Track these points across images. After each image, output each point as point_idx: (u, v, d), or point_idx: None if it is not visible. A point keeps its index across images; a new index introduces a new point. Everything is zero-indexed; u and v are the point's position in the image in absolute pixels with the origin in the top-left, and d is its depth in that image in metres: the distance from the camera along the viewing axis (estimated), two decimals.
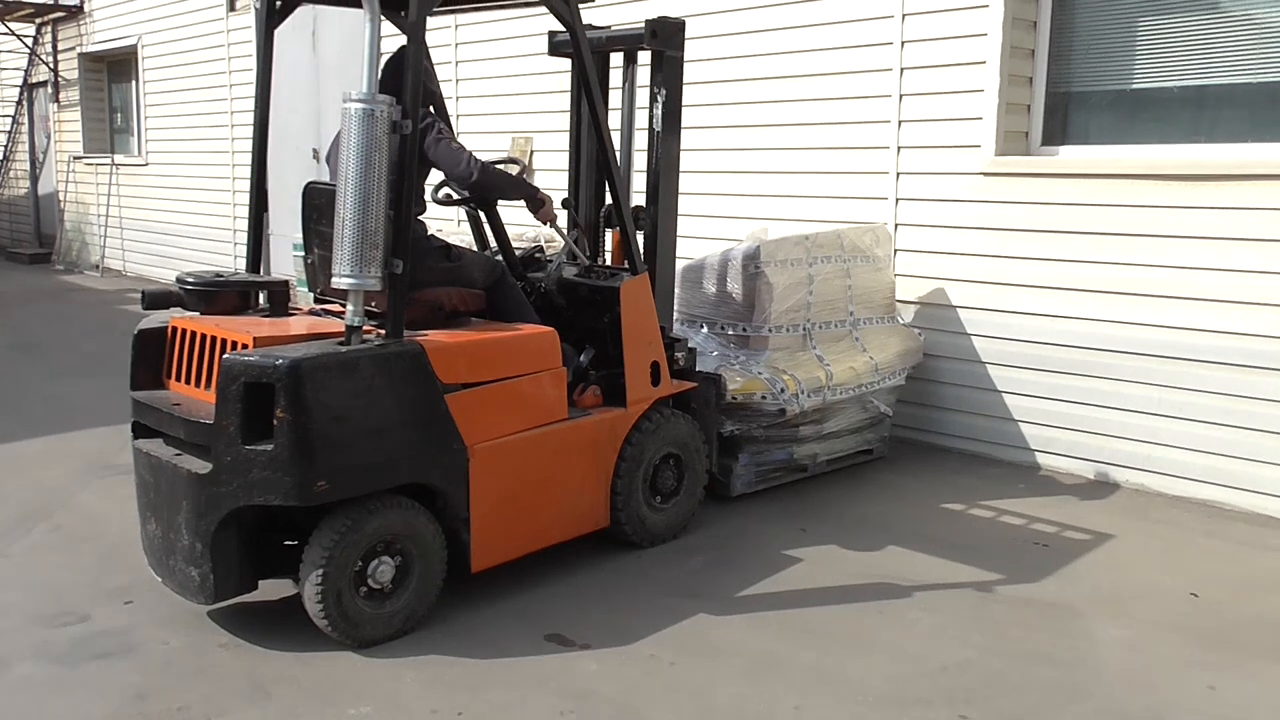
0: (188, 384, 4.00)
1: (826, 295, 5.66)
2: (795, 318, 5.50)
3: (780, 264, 5.38)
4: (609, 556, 4.64)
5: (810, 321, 5.59)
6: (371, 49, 3.74)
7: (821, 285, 5.62)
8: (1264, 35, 5.36)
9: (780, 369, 5.30)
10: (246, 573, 3.86)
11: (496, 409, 4.10)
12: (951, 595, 4.33)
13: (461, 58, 9.03)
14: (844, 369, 5.57)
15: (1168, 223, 5.43)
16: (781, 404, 5.19)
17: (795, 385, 5.23)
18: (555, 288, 4.80)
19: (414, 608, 3.90)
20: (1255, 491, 5.26)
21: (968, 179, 6.09)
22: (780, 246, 5.43)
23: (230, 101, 11.83)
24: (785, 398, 5.19)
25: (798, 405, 5.24)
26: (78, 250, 15.10)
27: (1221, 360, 5.31)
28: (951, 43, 6.06)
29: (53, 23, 15.15)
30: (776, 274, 5.35)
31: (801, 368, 5.39)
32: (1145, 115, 5.78)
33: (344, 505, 3.70)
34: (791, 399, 5.20)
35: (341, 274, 3.75)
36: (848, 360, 5.64)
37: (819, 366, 5.47)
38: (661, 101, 4.83)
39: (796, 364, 5.41)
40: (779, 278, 5.36)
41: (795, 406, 5.23)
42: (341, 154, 3.77)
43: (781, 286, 5.38)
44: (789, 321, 5.47)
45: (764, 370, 5.26)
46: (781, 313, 5.42)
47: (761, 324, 5.39)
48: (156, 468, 3.90)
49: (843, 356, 5.65)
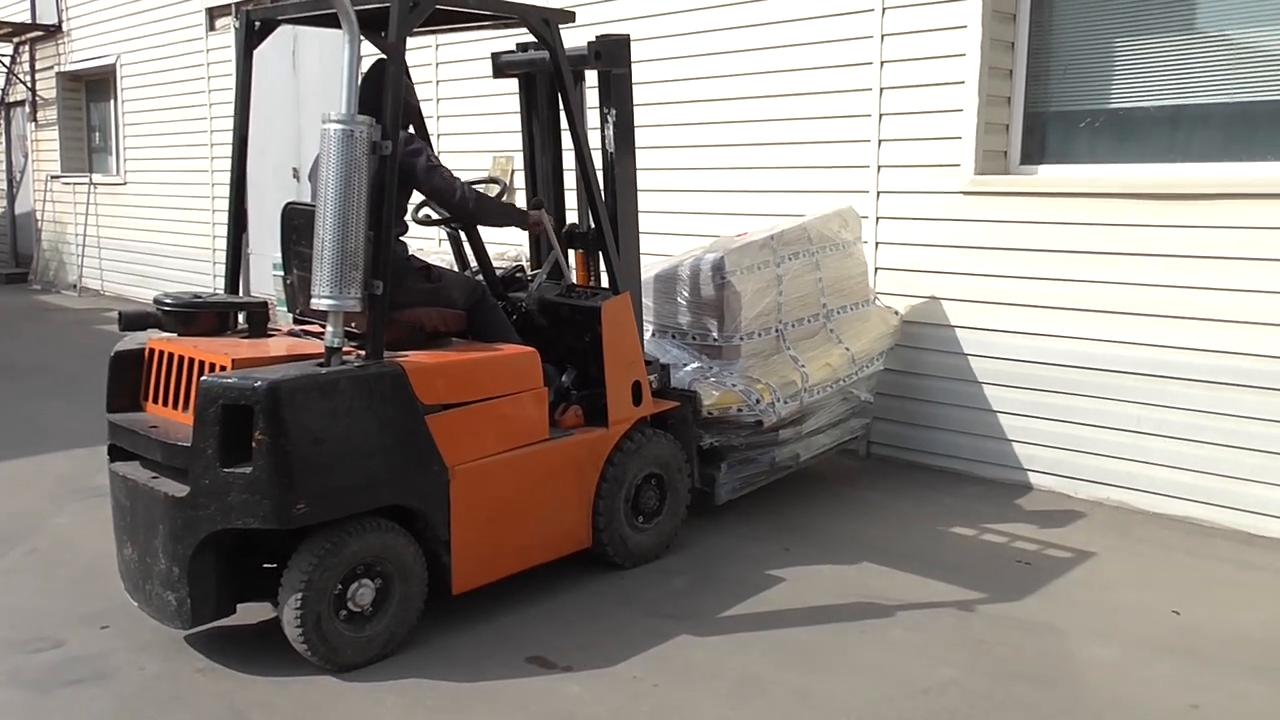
0: (165, 406, 3.97)
1: (797, 292, 5.58)
2: (766, 321, 5.42)
3: (747, 270, 5.29)
4: (591, 577, 4.61)
5: (782, 322, 5.50)
6: (351, 70, 3.73)
7: (791, 283, 5.53)
8: (1239, 56, 5.40)
9: (754, 378, 5.22)
10: (224, 597, 3.82)
11: (477, 430, 4.08)
12: (934, 614, 4.32)
13: (442, 77, 9.02)
14: (819, 367, 5.50)
15: (1145, 241, 5.45)
16: (758, 414, 5.13)
17: (770, 394, 5.16)
18: (536, 307, 4.79)
19: (394, 631, 3.87)
20: (1236, 509, 5.26)
21: (948, 198, 6.10)
22: (746, 253, 5.33)
23: (209, 121, 11.78)
24: (761, 408, 5.13)
25: (774, 414, 5.18)
26: (55, 270, 15.00)
27: (1201, 378, 5.32)
28: (930, 63, 6.08)
29: (30, 42, 15.07)
30: (744, 281, 5.26)
31: (776, 373, 5.32)
32: (1122, 135, 5.81)
33: (323, 528, 3.67)
34: (767, 409, 5.14)
35: (321, 295, 3.74)
36: (823, 357, 5.57)
37: (794, 369, 5.40)
38: (612, 121, 4.78)
39: (770, 370, 5.33)
40: (746, 285, 5.27)
41: (772, 416, 5.17)
42: (321, 175, 3.76)
43: (750, 293, 5.29)
44: (760, 326, 5.39)
45: (738, 381, 5.19)
46: (751, 319, 5.32)
47: (732, 334, 5.29)
48: (133, 491, 3.86)
49: (818, 354, 5.58)
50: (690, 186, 7.19)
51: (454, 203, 4.41)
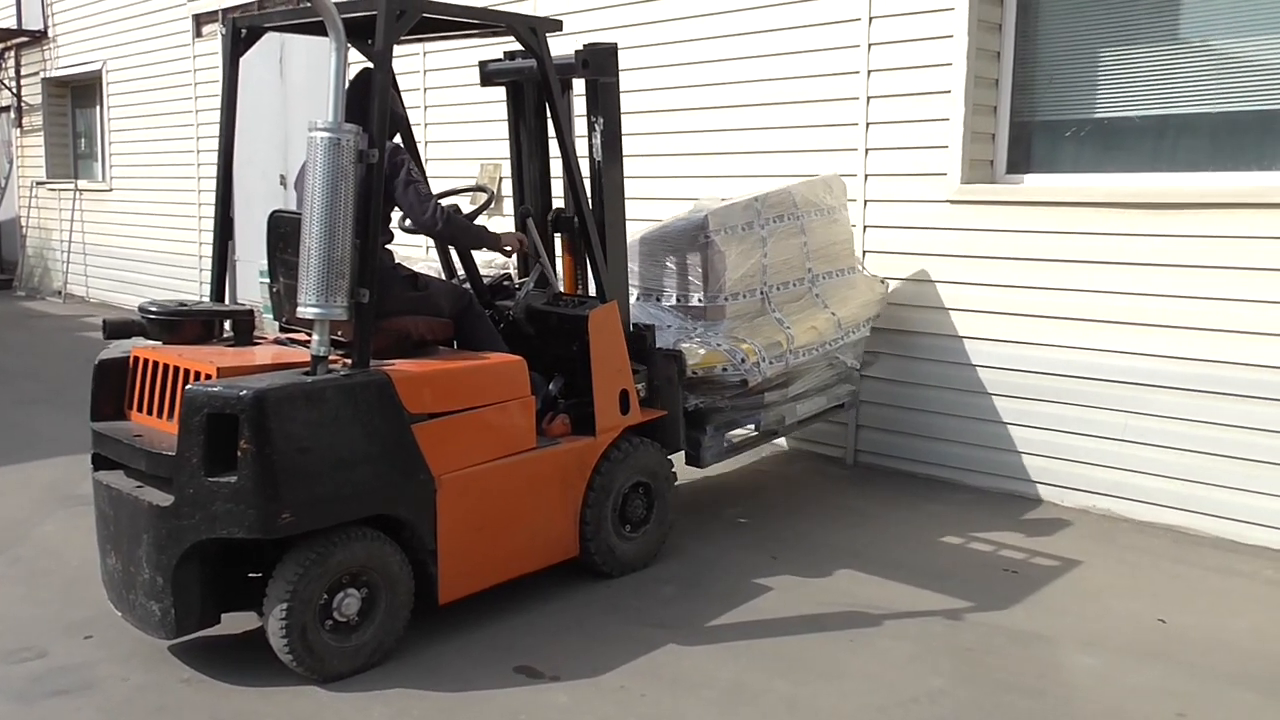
0: (150, 415, 3.94)
1: (782, 255, 5.52)
2: (751, 283, 5.37)
3: (730, 230, 5.24)
4: (579, 586, 4.60)
5: (767, 284, 5.46)
6: (337, 78, 3.72)
7: (776, 246, 5.47)
8: (1224, 66, 5.43)
9: (739, 338, 5.17)
10: (209, 606, 3.80)
11: (464, 439, 4.07)
12: (922, 623, 4.32)
13: (430, 84, 9.02)
14: (805, 329, 5.46)
15: (1131, 250, 5.47)
16: (743, 374, 5.07)
17: (755, 354, 5.11)
18: (523, 316, 4.78)
19: (381, 640, 3.85)
20: (1221, 517, 5.28)
21: (935, 206, 6.11)
22: (729, 213, 5.27)
23: (196, 127, 11.75)
24: (746, 367, 5.07)
25: (759, 374, 5.13)
26: (39, 276, 14.93)
27: (1186, 386, 5.34)
28: (917, 72, 6.10)
29: (16, 48, 15.01)
30: (727, 241, 5.21)
31: (761, 334, 5.27)
32: (1108, 144, 5.83)
33: (308, 537, 3.65)
34: (752, 368, 5.09)
35: (307, 303, 3.72)
36: (809, 320, 5.53)
37: (779, 330, 5.35)
38: (600, 130, 4.77)
39: (755, 330, 5.28)
40: (730, 245, 5.23)
41: (757, 375, 5.12)
42: (307, 183, 3.74)
43: (734, 254, 5.25)
44: (745, 288, 5.33)
45: (723, 341, 5.13)
46: (736, 280, 5.26)
47: (717, 294, 5.23)
48: (117, 500, 3.83)
49: (804, 317, 5.54)
50: (677, 195, 7.18)
51: (423, 220, 4.33)
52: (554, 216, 5.14)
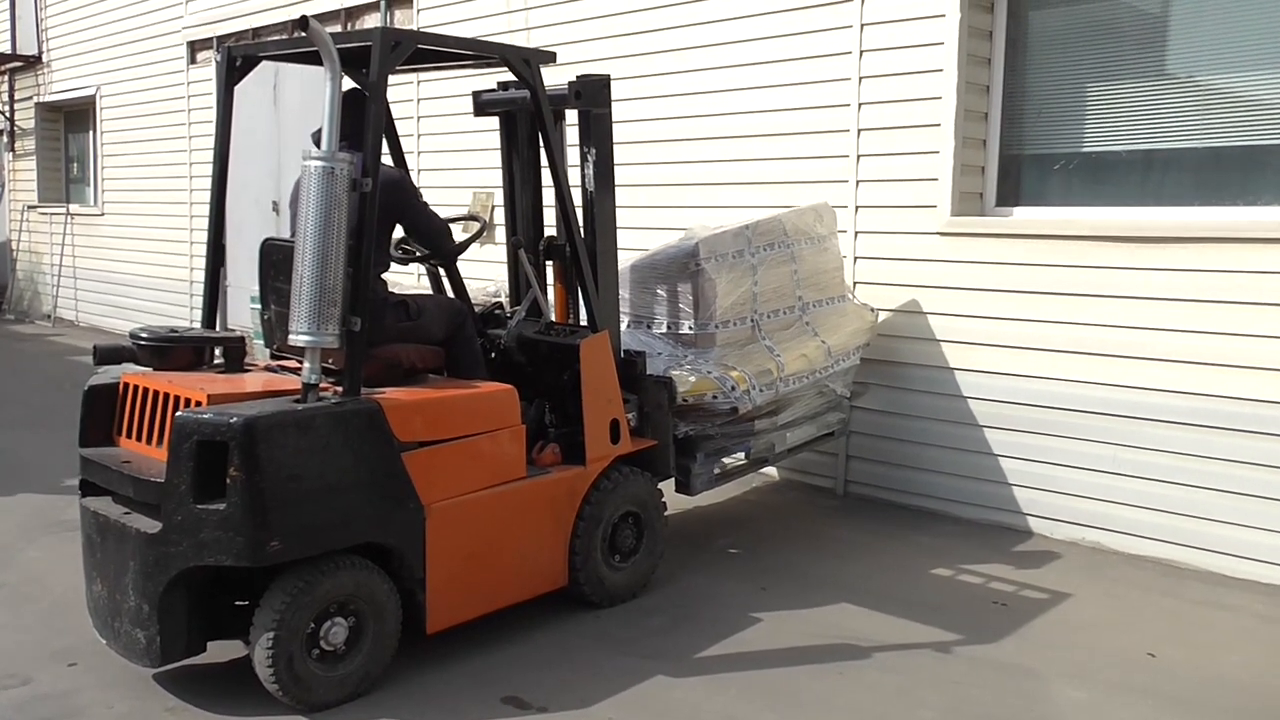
0: (138, 441, 3.93)
1: (772, 283, 5.54)
2: (741, 310, 5.39)
3: (721, 258, 5.26)
4: (568, 616, 4.58)
5: (758, 312, 5.47)
6: (332, 107, 3.74)
7: (766, 274, 5.50)
8: (1210, 102, 5.48)
9: (729, 365, 5.18)
10: (194, 635, 3.78)
11: (454, 467, 4.06)
12: (911, 656, 4.31)
13: (423, 113, 9.06)
14: (795, 357, 5.47)
15: (1119, 283, 5.50)
16: (733, 401, 5.07)
17: (746, 381, 5.12)
18: (515, 344, 4.78)
19: (368, 670, 3.83)
20: (1211, 550, 5.28)
21: (925, 238, 6.14)
22: (719, 240, 5.30)
23: (189, 153, 11.76)
24: (736, 395, 5.07)
25: (749, 401, 5.14)
26: (29, 300, 14.89)
27: (1174, 419, 5.35)
28: (907, 105, 6.14)
29: (10, 72, 15.04)
30: (718, 269, 5.23)
31: (751, 361, 5.28)
32: (1096, 178, 5.87)
33: (296, 565, 3.64)
34: (743, 395, 5.09)
35: (299, 331, 3.73)
36: (799, 348, 5.55)
37: (769, 358, 5.37)
38: (592, 160, 4.80)
39: (746, 358, 5.29)
40: (720, 273, 5.25)
41: (747, 403, 5.13)
42: (300, 211, 3.75)
43: (724, 282, 5.26)
44: (735, 315, 5.35)
45: (713, 368, 5.14)
46: (727, 308, 5.28)
47: (707, 321, 5.25)
48: (104, 527, 3.82)
49: (794, 344, 5.55)
50: (670, 225, 7.20)
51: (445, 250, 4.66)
52: (546, 245, 5.17)
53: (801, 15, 6.55)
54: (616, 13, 7.56)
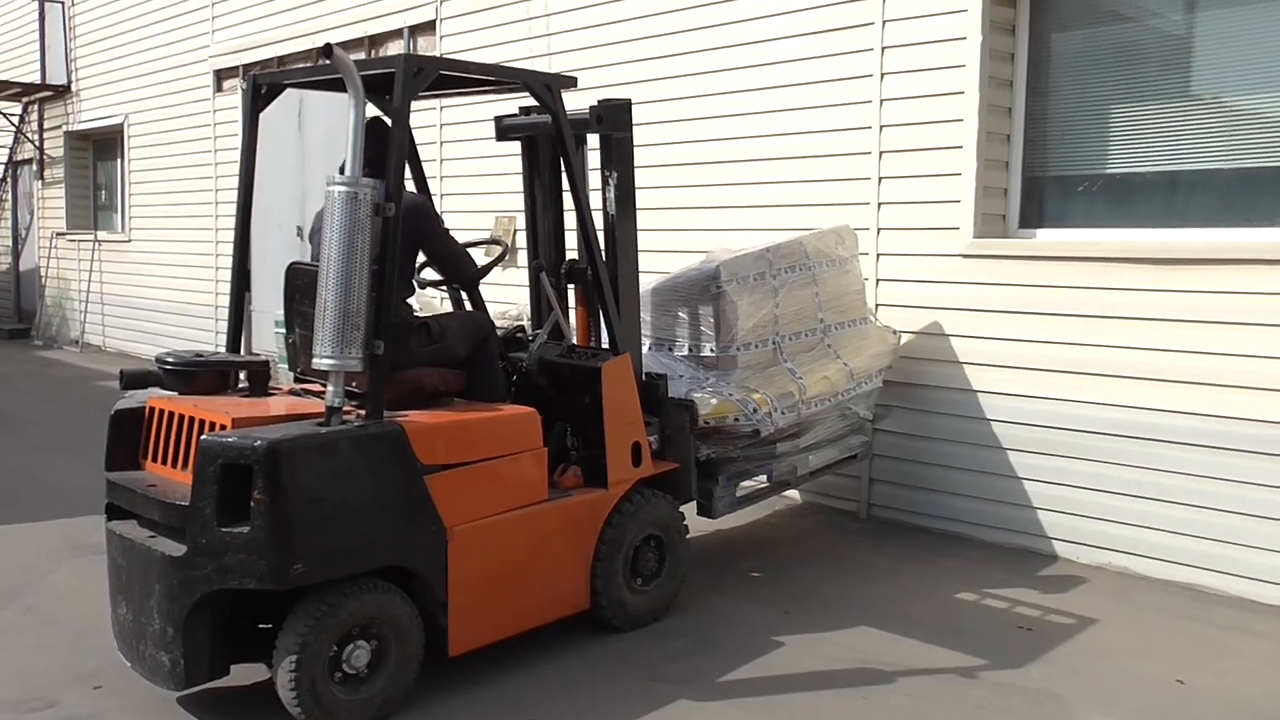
0: (164, 465, 3.96)
1: (794, 306, 5.53)
2: (763, 333, 5.38)
3: (742, 281, 5.26)
4: (590, 639, 4.56)
5: (779, 334, 5.46)
6: (355, 133, 3.77)
7: (788, 297, 5.49)
8: (1237, 122, 5.45)
9: (751, 388, 5.17)
10: (218, 658, 3.78)
11: (476, 490, 4.07)
12: (935, 681, 4.27)
13: (446, 138, 9.13)
14: (817, 380, 5.46)
15: (1145, 305, 5.45)
16: (755, 424, 5.06)
17: (768, 404, 5.11)
18: (537, 367, 4.80)
19: (390, 693, 3.82)
20: (1239, 575, 5.21)
21: (947, 260, 6.12)
22: (740, 263, 5.31)
23: (215, 180, 11.88)
24: (758, 417, 5.06)
25: (771, 424, 5.12)
26: (57, 326, 15.05)
27: (1201, 442, 5.29)
28: (929, 127, 6.13)
29: (40, 101, 15.25)
30: (739, 292, 5.23)
31: (773, 384, 5.27)
32: (1120, 199, 5.84)
33: (320, 588, 3.64)
34: (765, 418, 5.08)
35: (323, 354, 3.75)
36: (821, 370, 5.53)
37: (791, 380, 5.35)
38: (613, 184, 4.82)
39: (768, 380, 5.28)
40: (742, 296, 5.24)
41: (769, 425, 5.11)
42: (324, 235, 3.78)
43: (745, 304, 5.26)
44: (757, 338, 5.34)
45: (735, 391, 5.13)
46: (748, 330, 5.27)
47: (729, 344, 5.25)
48: (129, 550, 3.84)
49: (816, 367, 5.54)
50: (693, 248, 7.21)
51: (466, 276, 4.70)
52: (567, 268, 5.19)
53: (822, 39, 6.57)
54: (638, 37, 7.60)
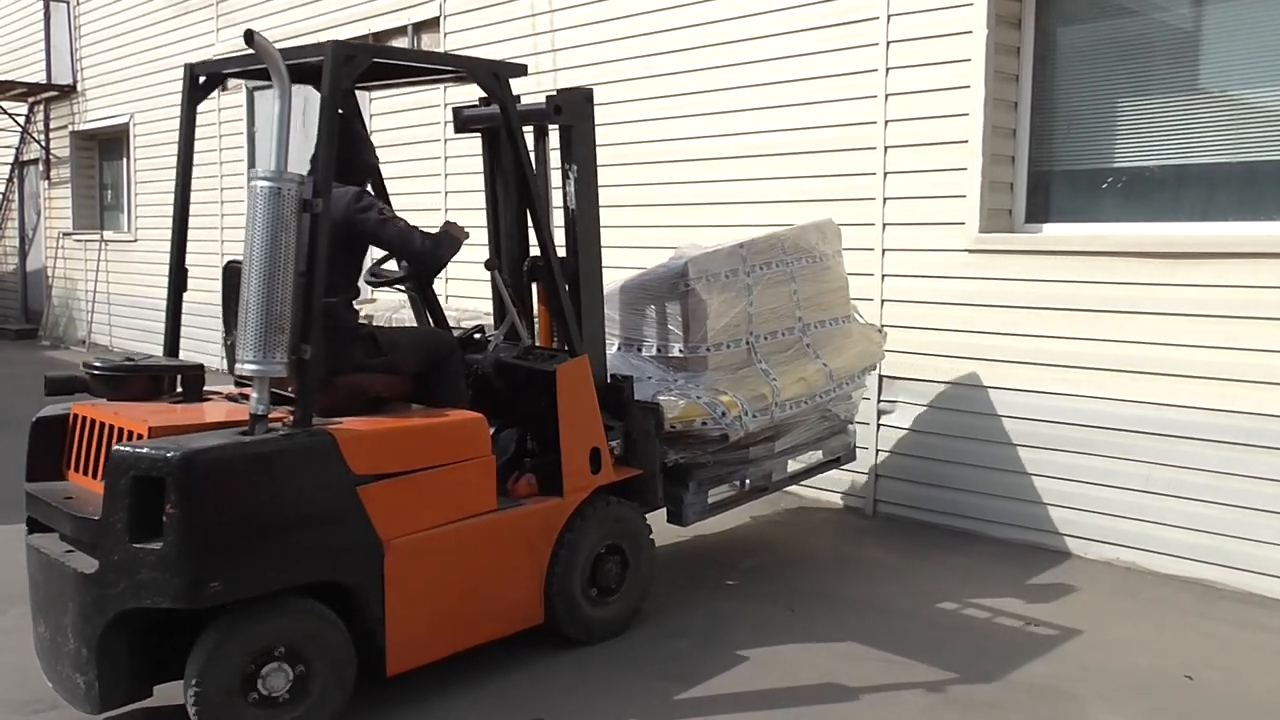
0: (85, 475, 3.75)
1: (769, 304, 5.21)
2: (736, 332, 5.05)
3: (713, 278, 4.96)
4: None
5: (754, 334, 5.14)
6: (280, 124, 3.57)
7: (762, 294, 5.16)
8: (1243, 115, 5.29)
9: (721, 390, 4.87)
10: (138, 678, 3.56)
11: (416, 501, 3.83)
12: (944, 678, 4.16)
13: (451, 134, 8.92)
14: (793, 381, 5.16)
15: (1153, 300, 5.33)
16: (724, 428, 4.78)
17: (738, 406, 4.81)
18: (492, 370, 4.54)
19: (318, 718, 3.58)
20: (1248, 570, 5.09)
21: (953, 255, 5.99)
22: (712, 260, 4.99)
23: (220, 179, 11.78)
24: (726, 421, 4.77)
25: (741, 428, 4.82)
26: (64, 325, 15.03)
27: (1210, 437, 5.18)
28: (934, 122, 5.99)
29: (45, 101, 15.21)
30: (709, 289, 4.92)
31: (744, 386, 4.97)
32: (1127, 194, 5.68)
33: (235, 607, 3.41)
34: (734, 422, 4.78)
35: (244, 359, 3.52)
36: (798, 371, 5.23)
37: (764, 382, 5.05)
38: (573, 177, 4.55)
39: (740, 382, 4.99)
40: (712, 294, 4.93)
41: (738, 429, 4.82)
42: (246, 233, 3.54)
43: (716, 303, 4.95)
44: (729, 337, 5.02)
45: (703, 393, 4.84)
46: (719, 329, 4.95)
47: (699, 344, 4.94)
48: (46, 565, 3.64)
49: (792, 368, 5.24)
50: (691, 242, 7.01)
51: (414, 250, 4.17)
52: (530, 265, 4.88)
53: (827, 33, 6.45)
54: (644, 33, 7.45)
